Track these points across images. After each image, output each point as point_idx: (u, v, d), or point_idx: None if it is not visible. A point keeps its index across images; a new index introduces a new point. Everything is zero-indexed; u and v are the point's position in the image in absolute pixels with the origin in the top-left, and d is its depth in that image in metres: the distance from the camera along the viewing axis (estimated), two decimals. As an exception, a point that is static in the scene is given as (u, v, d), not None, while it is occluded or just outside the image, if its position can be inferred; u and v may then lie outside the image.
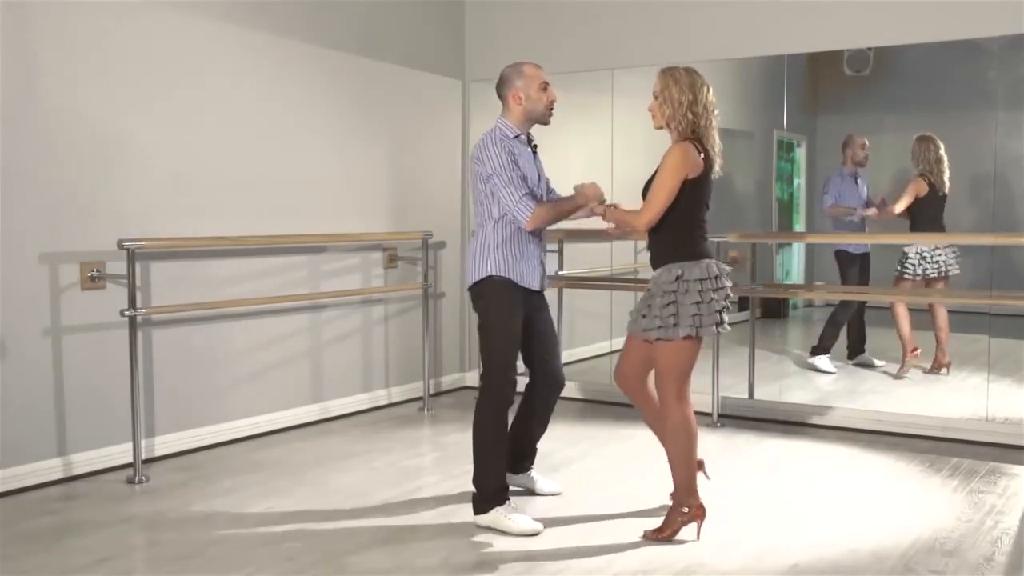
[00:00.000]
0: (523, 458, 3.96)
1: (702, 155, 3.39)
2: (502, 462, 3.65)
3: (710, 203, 3.53)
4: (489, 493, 3.59)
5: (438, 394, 6.13)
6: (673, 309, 3.34)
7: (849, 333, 5.99)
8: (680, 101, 3.38)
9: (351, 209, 5.52)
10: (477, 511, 3.61)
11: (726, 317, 3.44)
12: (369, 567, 3.19)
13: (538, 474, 4.03)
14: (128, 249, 4.18)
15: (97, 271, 4.24)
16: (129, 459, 4.27)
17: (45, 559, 3.27)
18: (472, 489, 3.65)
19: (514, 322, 3.63)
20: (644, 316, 3.43)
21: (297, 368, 5.26)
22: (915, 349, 5.68)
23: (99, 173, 4.27)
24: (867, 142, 5.81)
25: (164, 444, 4.56)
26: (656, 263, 3.47)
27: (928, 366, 5.69)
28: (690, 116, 3.38)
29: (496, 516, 3.55)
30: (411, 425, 5.33)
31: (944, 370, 5.65)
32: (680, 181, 3.35)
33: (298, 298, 5.17)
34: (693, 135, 3.40)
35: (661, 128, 3.49)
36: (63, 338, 4.16)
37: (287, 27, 5.10)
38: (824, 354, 5.95)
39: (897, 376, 5.71)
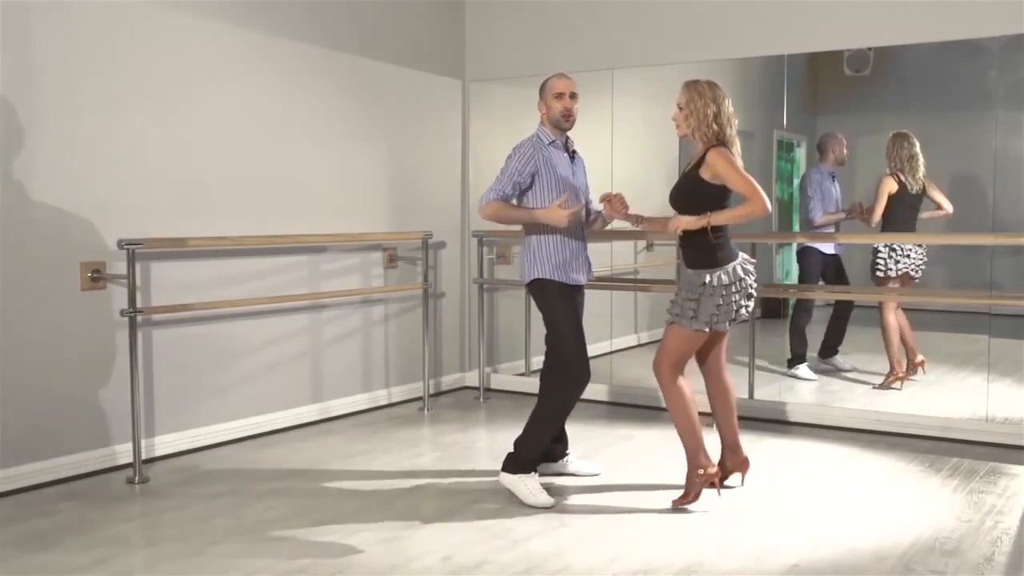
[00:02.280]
0: (557, 442, 4.16)
1: None
2: (548, 439, 3.98)
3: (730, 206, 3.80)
4: (523, 460, 3.90)
5: (438, 394, 6.13)
6: (694, 306, 3.67)
7: (828, 331, 5.96)
8: (706, 113, 3.70)
9: (351, 209, 5.52)
10: (505, 469, 3.93)
11: (744, 311, 3.77)
12: (369, 567, 3.19)
13: (576, 457, 4.22)
14: (128, 249, 4.18)
15: (97, 271, 4.24)
16: (129, 459, 4.27)
17: (45, 559, 3.27)
18: (512, 451, 3.95)
19: (574, 313, 3.97)
20: (672, 302, 3.78)
21: (297, 368, 5.26)
22: (902, 375, 5.60)
23: (99, 173, 4.27)
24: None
25: (164, 444, 4.56)
26: (689, 264, 3.77)
27: (905, 374, 5.66)
28: (715, 127, 3.70)
29: (517, 481, 3.86)
30: (411, 425, 5.33)
31: (920, 369, 5.63)
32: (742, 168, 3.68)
33: (298, 298, 5.16)
34: (718, 143, 3.70)
35: (685, 137, 3.83)
36: (63, 338, 4.16)
37: (287, 27, 5.10)
38: (801, 363, 5.90)
39: (881, 387, 5.62)
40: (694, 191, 3.74)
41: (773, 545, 3.38)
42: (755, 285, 3.79)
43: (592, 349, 4.12)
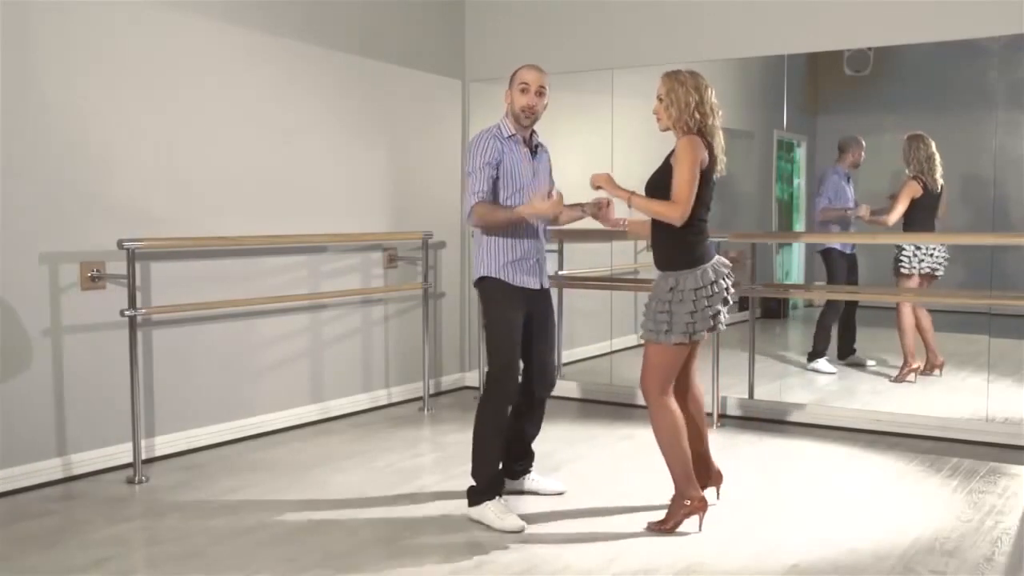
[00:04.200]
0: (517, 460, 3.96)
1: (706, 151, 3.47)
2: (497, 458, 3.72)
3: (711, 205, 3.58)
4: (483, 487, 3.66)
5: (438, 394, 6.13)
6: (667, 317, 3.44)
7: (840, 334, 5.99)
8: (688, 102, 3.46)
9: (351, 209, 5.52)
10: (470, 503, 3.68)
11: (723, 317, 3.53)
12: (369, 567, 3.19)
13: (539, 474, 4.03)
14: (128, 249, 4.18)
15: (97, 271, 4.24)
16: (129, 459, 4.27)
17: (45, 559, 3.27)
18: (472, 483, 3.71)
19: (512, 321, 3.67)
20: (645, 316, 3.54)
21: (297, 368, 5.26)
22: (917, 367, 5.65)
23: (99, 173, 4.27)
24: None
25: (164, 444, 4.56)
26: (658, 265, 3.56)
27: (920, 367, 5.68)
28: (697, 116, 3.47)
29: (484, 510, 3.62)
30: (411, 425, 5.32)
31: (937, 371, 5.64)
32: (698, 170, 3.41)
33: (298, 298, 5.16)
34: (699, 134, 3.48)
35: (667, 129, 3.57)
36: (63, 338, 4.16)
37: (287, 27, 5.10)
38: (820, 357, 5.96)
39: (895, 380, 5.69)
40: (670, 181, 3.46)
41: (773, 545, 3.38)
42: (732, 290, 3.56)
43: (592, 349, 4.10)
